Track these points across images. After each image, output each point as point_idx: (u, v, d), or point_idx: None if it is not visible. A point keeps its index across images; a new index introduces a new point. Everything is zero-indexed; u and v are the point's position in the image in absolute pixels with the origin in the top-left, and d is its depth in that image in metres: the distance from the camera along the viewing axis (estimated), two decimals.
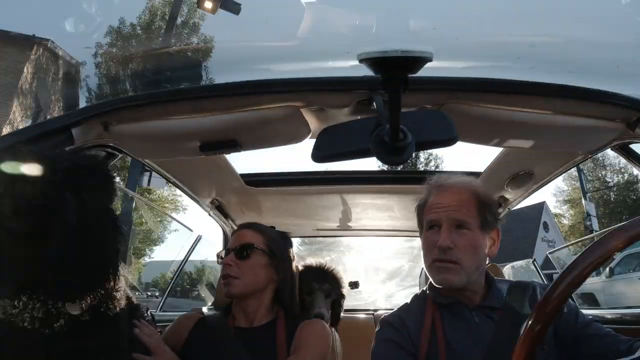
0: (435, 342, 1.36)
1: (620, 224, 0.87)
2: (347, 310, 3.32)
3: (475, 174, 2.41)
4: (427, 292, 1.50)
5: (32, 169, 1.04)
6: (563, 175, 2.21)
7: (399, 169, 2.96)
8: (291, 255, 1.77)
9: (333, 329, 2.06)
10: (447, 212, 1.38)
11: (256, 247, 1.63)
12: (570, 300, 1.47)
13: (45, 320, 1.10)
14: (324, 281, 2.23)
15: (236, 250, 1.62)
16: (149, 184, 9.12)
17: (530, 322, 0.87)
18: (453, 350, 1.34)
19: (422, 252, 1.47)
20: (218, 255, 1.72)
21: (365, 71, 0.79)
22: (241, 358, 1.50)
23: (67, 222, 1.04)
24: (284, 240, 1.77)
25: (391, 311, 1.56)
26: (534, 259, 3.46)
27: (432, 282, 1.43)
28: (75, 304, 1.13)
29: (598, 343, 1.27)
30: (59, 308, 1.11)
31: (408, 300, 1.58)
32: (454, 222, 1.37)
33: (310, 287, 2.17)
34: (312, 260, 2.31)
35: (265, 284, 1.64)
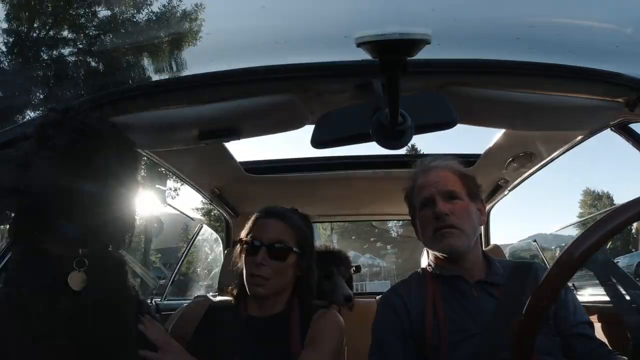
0: (436, 315, 1.42)
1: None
2: None
3: (475, 156, 2.41)
4: (427, 268, 1.57)
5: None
6: None
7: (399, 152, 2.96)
8: (315, 249, 1.71)
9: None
10: (438, 186, 1.49)
11: (294, 250, 1.55)
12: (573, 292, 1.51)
13: (46, 297, 1.11)
14: (340, 264, 2.39)
15: (267, 246, 1.52)
16: None
17: (535, 296, 0.88)
18: (453, 323, 1.39)
19: (420, 231, 1.55)
20: (242, 243, 1.59)
21: (364, 55, 0.78)
22: (253, 346, 1.48)
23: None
24: (311, 232, 1.68)
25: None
26: (535, 239, 3.48)
27: (437, 252, 1.50)
28: (79, 272, 1.14)
29: (583, 346, 1.34)
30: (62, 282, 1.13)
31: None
32: (446, 194, 1.48)
33: (329, 271, 2.32)
34: (318, 244, 2.40)
35: (290, 281, 1.59)
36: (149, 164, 2.08)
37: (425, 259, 2.12)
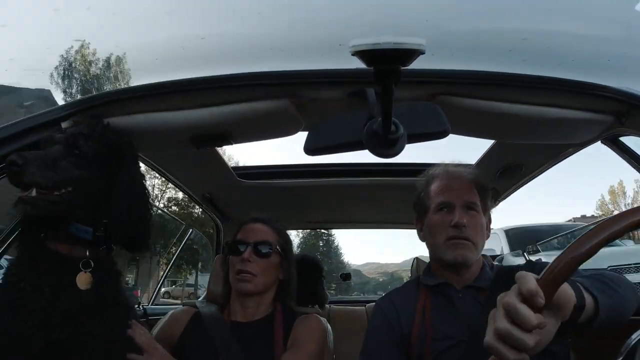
0: (424, 324, 1.43)
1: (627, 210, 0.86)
2: (339, 302, 3.36)
3: (466, 166, 2.43)
4: (420, 277, 1.58)
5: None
6: None
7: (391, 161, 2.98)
8: (294, 254, 1.76)
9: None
10: (459, 194, 1.48)
11: (277, 248, 1.62)
12: None
13: (52, 295, 1.15)
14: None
15: (253, 245, 1.59)
16: None
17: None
18: (438, 331, 1.40)
19: (429, 233, 1.52)
20: (229, 245, 1.66)
21: (358, 63, 0.79)
22: (237, 352, 1.49)
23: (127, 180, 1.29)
24: (290, 238, 1.75)
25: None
26: (523, 251, 3.49)
27: (445, 259, 1.46)
28: (85, 273, 1.20)
29: None
30: (68, 281, 1.18)
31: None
32: (465, 204, 1.47)
33: (320, 275, 2.82)
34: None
35: (273, 283, 1.64)
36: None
37: (416, 268, 2.12)
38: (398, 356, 1.43)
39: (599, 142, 1.70)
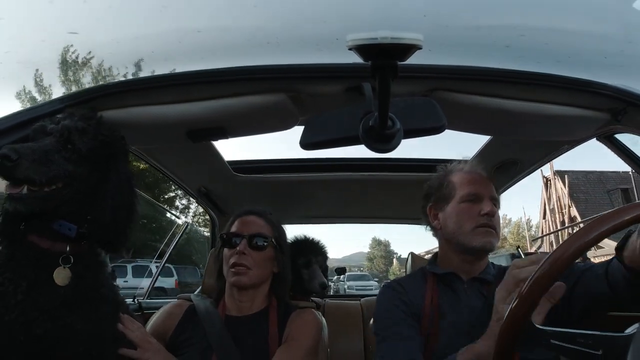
0: (432, 311, 1.46)
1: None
2: (334, 297, 3.36)
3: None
4: (427, 267, 1.62)
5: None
6: None
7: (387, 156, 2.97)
8: (288, 247, 1.76)
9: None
10: (487, 188, 1.56)
11: (272, 241, 1.61)
12: None
13: (30, 289, 1.13)
14: (318, 254, 2.48)
15: (248, 238, 1.58)
16: None
17: (516, 304, 0.87)
18: (445, 319, 1.44)
19: (453, 222, 1.55)
20: (224, 238, 1.64)
21: (355, 58, 0.78)
22: (231, 347, 1.49)
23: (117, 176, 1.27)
24: (284, 231, 1.75)
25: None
26: (518, 247, 3.52)
27: (473, 245, 1.50)
28: (64, 269, 1.18)
29: (585, 280, 1.30)
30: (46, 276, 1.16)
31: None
32: (492, 198, 1.55)
33: (308, 260, 2.42)
34: (298, 233, 2.54)
35: (268, 276, 1.64)
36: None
37: (411, 264, 2.13)
38: (415, 329, 1.44)
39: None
